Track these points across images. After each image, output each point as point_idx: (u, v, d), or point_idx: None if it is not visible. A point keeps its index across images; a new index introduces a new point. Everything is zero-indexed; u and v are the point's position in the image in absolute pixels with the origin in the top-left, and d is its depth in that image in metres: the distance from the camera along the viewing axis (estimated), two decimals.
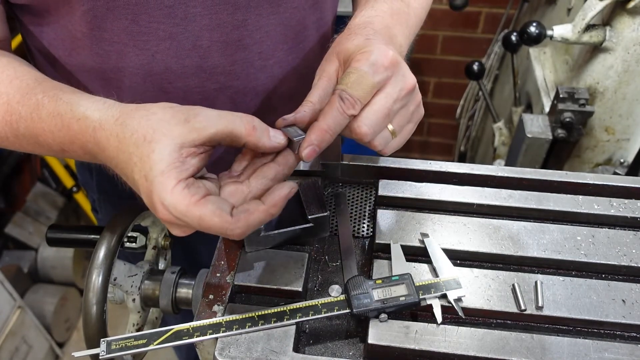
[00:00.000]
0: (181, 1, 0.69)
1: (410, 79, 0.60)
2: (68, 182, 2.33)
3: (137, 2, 0.68)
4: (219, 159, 0.85)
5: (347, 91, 0.56)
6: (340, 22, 0.75)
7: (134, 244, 0.78)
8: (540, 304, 0.61)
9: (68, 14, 0.69)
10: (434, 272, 0.65)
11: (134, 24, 0.70)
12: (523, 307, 0.61)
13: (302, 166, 0.77)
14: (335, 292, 0.61)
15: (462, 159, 2.20)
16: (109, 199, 1.01)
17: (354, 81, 0.56)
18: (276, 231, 0.66)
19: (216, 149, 0.56)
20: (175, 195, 0.50)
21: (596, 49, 1.15)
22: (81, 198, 2.37)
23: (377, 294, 0.59)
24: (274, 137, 0.57)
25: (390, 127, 0.60)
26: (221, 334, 0.58)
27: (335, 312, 0.59)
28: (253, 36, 0.76)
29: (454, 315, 0.61)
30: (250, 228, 0.53)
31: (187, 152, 0.52)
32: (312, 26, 0.83)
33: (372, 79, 0.56)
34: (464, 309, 0.61)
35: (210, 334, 0.58)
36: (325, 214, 0.67)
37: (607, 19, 1.13)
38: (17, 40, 1.86)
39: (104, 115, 0.56)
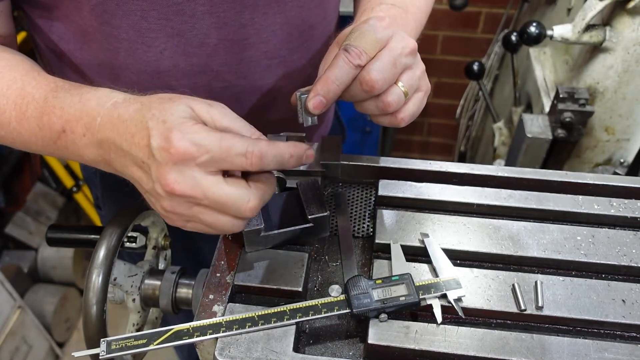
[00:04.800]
0: None
1: (411, 40, 0.60)
2: (68, 182, 2.33)
3: None
4: None
5: (352, 43, 0.56)
6: (344, 22, 0.75)
7: (134, 244, 0.78)
8: (540, 304, 0.61)
9: (76, 9, 0.70)
10: (434, 272, 0.65)
11: (142, 20, 0.70)
12: (523, 307, 0.61)
13: (302, 166, 0.77)
14: (335, 292, 0.61)
15: (462, 159, 2.20)
16: (113, 195, 1.02)
17: (357, 36, 0.57)
18: (276, 231, 0.66)
19: None
20: (196, 127, 0.51)
21: (596, 49, 1.15)
22: (81, 198, 2.37)
23: (377, 294, 0.59)
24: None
25: (400, 84, 0.59)
26: (221, 334, 0.58)
27: (335, 312, 0.59)
28: (259, 35, 0.77)
29: (454, 315, 0.61)
30: (271, 156, 0.53)
31: (203, 120, 0.54)
32: (317, 25, 0.83)
33: (374, 34, 0.57)
34: (464, 309, 0.61)
35: (210, 334, 0.58)
36: (325, 214, 0.67)
37: (607, 19, 1.13)
38: (19, 38, 1.86)
39: (128, 95, 0.58)
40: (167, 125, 0.51)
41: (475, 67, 1.62)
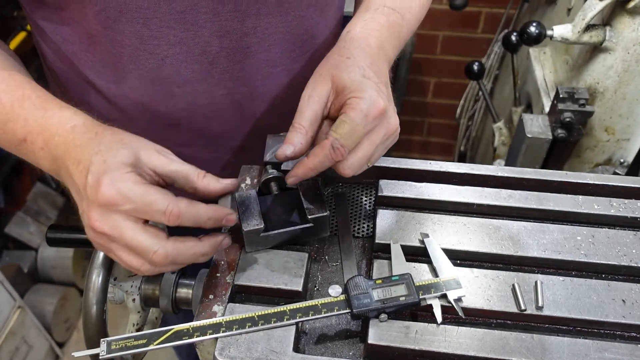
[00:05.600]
0: (191, 7, 0.70)
1: (393, 124, 0.63)
2: None
3: (148, 6, 0.68)
4: None
5: (340, 141, 0.59)
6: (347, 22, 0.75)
7: None
8: (540, 304, 0.61)
9: (81, 12, 0.70)
10: (434, 272, 0.64)
11: (145, 27, 0.70)
12: (523, 307, 0.61)
13: None
14: (335, 292, 0.61)
15: (462, 159, 2.20)
16: None
17: (347, 133, 0.59)
18: (276, 231, 0.66)
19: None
20: (127, 176, 0.55)
21: (596, 49, 1.15)
22: None
23: (377, 294, 0.59)
24: (223, 181, 0.62)
25: (367, 165, 0.64)
26: (221, 334, 0.58)
27: (335, 312, 0.59)
28: (261, 44, 0.77)
29: (454, 315, 0.61)
30: (189, 216, 0.57)
31: (147, 167, 0.57)
32: (319, 35, 0.84)
33: (363, 130, 0.60)
34: (464, 309, 0.61)
35: (210, 334, 0.58)
36: (325, 214, 0.67)
37: (607, 19, 1.13)
38: (19, 38, 1.87)
39: (89, 121, 0.61)
40: (104, 167, 0.55)
41: (475, 67, 1.63)
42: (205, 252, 0.60)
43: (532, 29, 1.17)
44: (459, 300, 0.61)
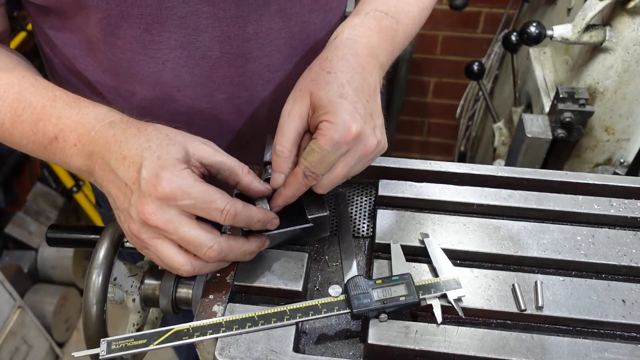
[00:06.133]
0: (193, 12, 0.70)
1: (370, 145, 0.62)
2: (68, 182, 2.33)
3: (150, 12, 0.68)
4: None
5: (311, 169, 0.60)
6: None
7: None
8: (540, 304, 0.61)
9: (83, 19, 0.70)
10: (434, 272, 0.65)
11: (146, 33, 0.70)
12: (523, 307, 0.61)
13: None
14: (335, 292, 0.61)
15: (462, 159, 2.20)
16: None
17: (317, 161, 0.60)
18: (276, 231, 0.66)
19: None
20: (185, 172, 0.55)
21: (596, 49, 1.15)
22: (81, 198, 2.37)
23: (377, 294, 0.59)
24: (264, 184, 0.64)
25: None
26: (221, 334, 0.58)
27: (335, 312, 0.59)
28: (262, 49, 0.77)
29: (454, 315, 0.61)
30: (243, 217, 0.58)
31: (194, 159, 0.58)
32: (321, 40, 0.83)
33: (335, 155, 0.60)
34: (464, 309, 0.61)
35: (210, 334, 0.58)
36: (325, 214, 0.67)
37: (607, 19, 1.13)
38: (19, 38, 1.87)
39: (125, 117, 0.61)
40: (160, 162, 0.54)
41: (475, 67, 1.62)
42: (252, 251, 0.62)
43: (532, 29, 1.17)
44: (459, 300, 0.61)
